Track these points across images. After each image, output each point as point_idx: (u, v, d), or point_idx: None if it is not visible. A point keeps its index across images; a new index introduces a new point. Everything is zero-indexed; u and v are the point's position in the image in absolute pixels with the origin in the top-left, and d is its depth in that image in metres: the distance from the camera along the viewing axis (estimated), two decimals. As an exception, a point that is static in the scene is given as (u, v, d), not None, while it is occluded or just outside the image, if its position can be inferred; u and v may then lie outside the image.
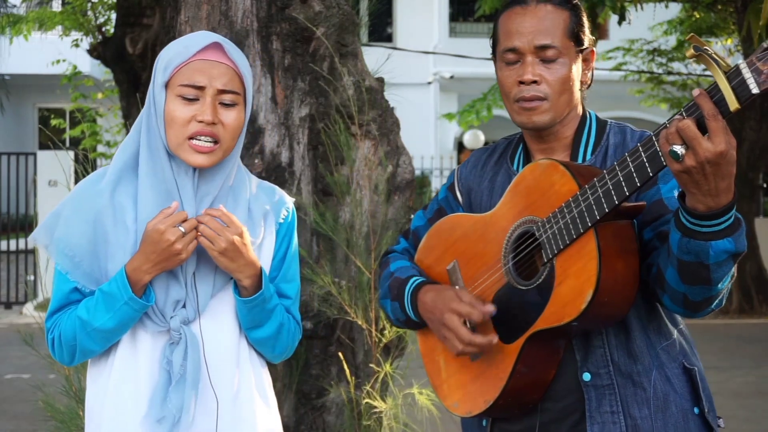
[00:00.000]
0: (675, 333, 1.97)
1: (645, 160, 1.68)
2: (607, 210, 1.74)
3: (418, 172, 16.74)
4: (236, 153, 2.00)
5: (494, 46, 2.03)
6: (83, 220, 1.95)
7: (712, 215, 1.64)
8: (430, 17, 22.93)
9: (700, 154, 1.57)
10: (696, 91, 1.59)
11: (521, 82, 1.93)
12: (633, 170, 1.70)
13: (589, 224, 1.75)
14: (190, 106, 1.91)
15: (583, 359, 1.90)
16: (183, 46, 1.94)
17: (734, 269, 1.76)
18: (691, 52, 1.59)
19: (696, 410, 1.92)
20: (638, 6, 12.26)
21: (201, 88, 1.90)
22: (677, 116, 1.62)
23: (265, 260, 2.06)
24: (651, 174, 1.68)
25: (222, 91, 1.92)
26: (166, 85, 1.93)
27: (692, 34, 1.63)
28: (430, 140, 22.26)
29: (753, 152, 12.84)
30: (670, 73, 15.89)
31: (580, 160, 1.98)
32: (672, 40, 16.01)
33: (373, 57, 4.30)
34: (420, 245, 2.17)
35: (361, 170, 3.83)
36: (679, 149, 1.59)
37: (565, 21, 1.95)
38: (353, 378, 3.73)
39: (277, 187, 2.14)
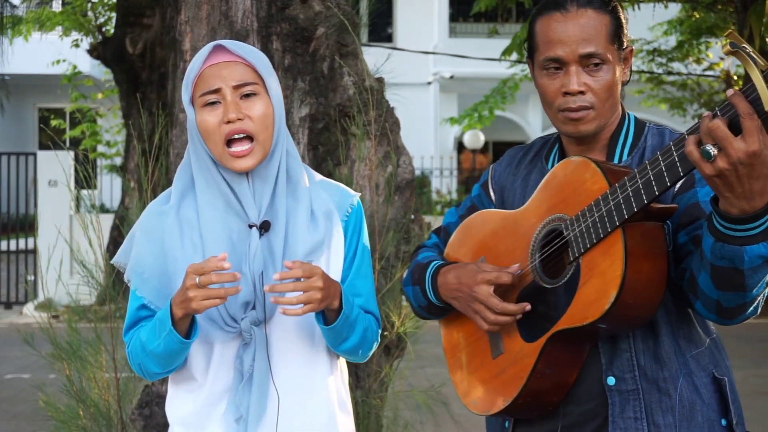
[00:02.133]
0: (707, 341, 1.91)
1: (676, 159, 1.63)
2: (635, 209, 1.69)
3: (418, 172, 16.73)
4: (280, 144, 2.02)
5: (530, 51, 1.98)
6: (151, 239, 2.02)
7: (746, 219, 1.58)
8: (429, 17, 22.95)
9: (732, 155, 1.52)
10: (730, 91, 1.54)
11: (566, 93, 1.89)
12: (664, 169, 1.65)
13: (617, 223, 1.72)
14: (216, 111, 1.97)
15: (609, 363, 1.85)
16: (193, 62, 2.02)
17: None
18: (727, 48, 1.54)
19: (724, 422, 1.88)
20: (635, 6, 12.26)
21: (218, 91, 1.97)
22: (706, 116, 1.57)
23: (336, 261, 2.06)
24: (682, 173, 1.63)
25: (238, 86, 1.97)
26: (192, 102, 2.01)
27: (731, 30, 1.58)
28: (430, 140, 22.27)
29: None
30: (670, 73, 15.92)
31: (616, 161, 1.93)
32: (672, 40, 16.03)
33: (373, 57, 4.30)
34: (450, 240, 2.14)
35: (361, 170, 3.83)
36: (710, 149, 1.54)
37: (607, 26, 1.90)
38: (351, 378, 3.73)
39: (340, 184, 2.15)
